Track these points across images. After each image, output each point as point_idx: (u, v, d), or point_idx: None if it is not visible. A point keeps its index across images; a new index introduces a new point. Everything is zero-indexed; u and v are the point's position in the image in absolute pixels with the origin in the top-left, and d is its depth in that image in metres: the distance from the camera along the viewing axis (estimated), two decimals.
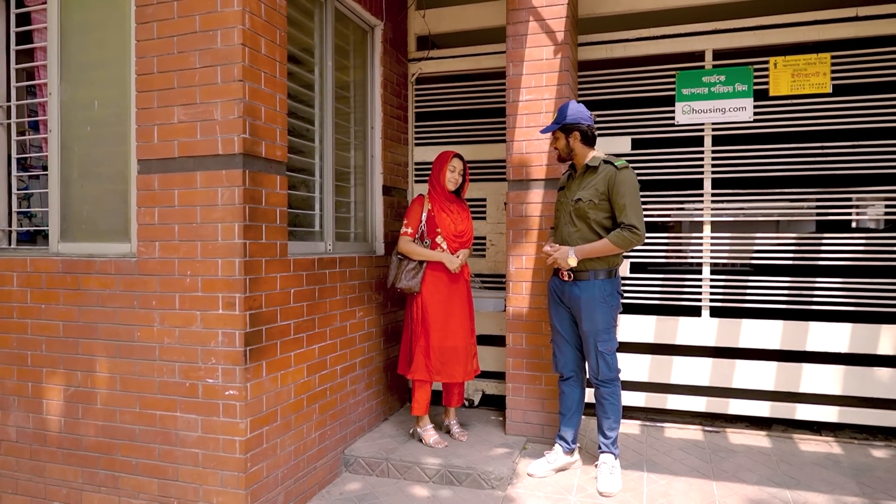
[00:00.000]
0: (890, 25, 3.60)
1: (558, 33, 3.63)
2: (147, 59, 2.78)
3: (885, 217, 3.65)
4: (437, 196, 3.56)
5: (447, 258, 3.49)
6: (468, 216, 3.66)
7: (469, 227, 3.63)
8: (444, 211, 3.54)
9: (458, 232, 3.54)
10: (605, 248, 3.08)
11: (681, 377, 3.98)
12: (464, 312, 3.57)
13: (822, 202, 3.80)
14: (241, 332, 2.64)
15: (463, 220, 3.59)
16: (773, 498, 3.02)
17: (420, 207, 3.57)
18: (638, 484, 3.21)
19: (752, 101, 3.82)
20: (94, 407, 2.91)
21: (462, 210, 3.63)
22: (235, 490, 2.66)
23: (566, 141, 3.18)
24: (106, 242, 2.96)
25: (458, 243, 3.55)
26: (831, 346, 3.72)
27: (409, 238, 3.54)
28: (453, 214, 3.56)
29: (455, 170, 3.53)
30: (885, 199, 3.69)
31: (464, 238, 3.58)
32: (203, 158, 2.69)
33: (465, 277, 3.60)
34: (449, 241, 3.52)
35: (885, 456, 3.49)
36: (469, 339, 3.57)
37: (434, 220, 3.51)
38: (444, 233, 3.51)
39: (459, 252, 3.55)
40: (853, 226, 4.59)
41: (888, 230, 3.67)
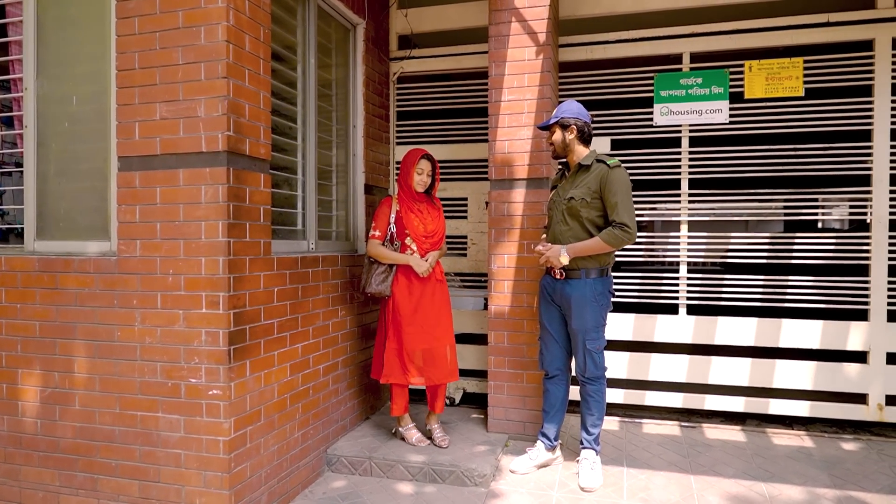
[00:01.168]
0: (859, 31, 3.72)
1: (540, 34, 3.67)
2: (128, 55, 2.74)
3: (853, 217, 3.77)
4: (405, 197, 3.47)
5: (415, 261, 3.39)
6: (439, 215, 3.56)
7: (440, 226, 3.53)
8: (412, 212, 3.45)
9: (427, 232, 3.45)
10: (597, 247, 3.11)
11: (659, 374, 4.06)
12: (438, 313, 3.47)
13: (794, 203, 3.91)
14: (225, 331, 2.62)
15: (433, 220, 3.49)
16: (749, 491, 3.10)
17: (388, 209, 3.48)
18: (618, 479, 3.26)
19: (727, 103, 3.91)
20: (71, 408, 2.86)
21: (432, 209, 3.54)
22: (219, 490, 2.64)
23: (563, 136, 3.21)
24: (85, 241, 2.90)
25: (429, 244, 3.46)
26: (803, 343, 3.84)
27: (377, 241, 3.46)
28: (422, 215, 3.47)
29: (423, 172, 3.44)
30: (853, 199, 3.81)
31: (435, 238, 3.48)
32: (186, 156, 2.66)
33: (437, 278, 3.50)
34: (418, 242, 3.43)
35: (854, 449, 3.61)
36: (445, 340, 3.47)
37: (402, 222, 3.43)
38: (412, 234, 3.41)
39: (429, 254, 3.44)
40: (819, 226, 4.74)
41: (856, 230, 3.79)
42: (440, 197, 4.47)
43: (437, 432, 3.56)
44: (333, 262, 3.59)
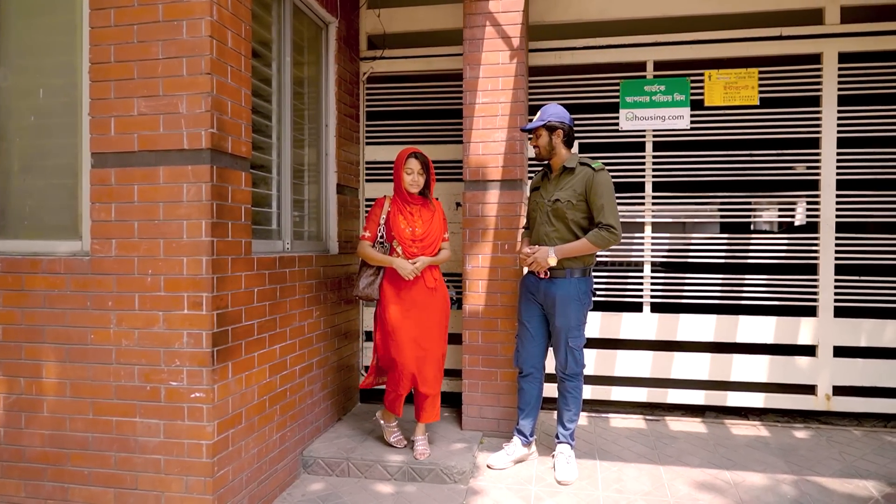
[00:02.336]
0: (809, 45, 3.97)
1: (514, 39, 3.75)
2: (103, 48, 2.64)
3: (805, 219, 4.03)
4: (397, 198, 3.38)
5: (399, 263, 3.26)
6: (432, 218, 3.39)
7: (432, 230, 3.36)
8: (400, 213, 3.34)
9: (414, 236, 3.30)
10: (585, 248, 3.20)
11: (624, 370, 4.21)
12: (428, 322, 3.33)
13: (750, 205, 4.13)
14: (209, 333, 2.56)
15: (424, 223, 3.35)
16: (714, 479, 3.26)
17: (380, 209, 3.39)
18: (592, 472, 3.37)
19: (689, 110, 4.09)
20: (39, 415, 2.73)
21: (425, 212, 3.38)
22: (202, 495, 2.58)
23: (549, 139, 3.28)
24: (52, 240, 2.78)
25: (417, 248, 3.30)
26: (758, 338, 4.06)
27: (366, 242, 3.37)
28: (411, 217, 3.33)
29: (413, 171, 3.29)
30: (805, 202, 4.06)
31: (424, 243, 3.32)
32: (167, 153, 2.59)
33: (427, 284, 3.33)
34: (404, 245, 3.30)
35: (806, 437, 3.85)
36: (435, 351, 3.36)
37: (389, 223, 3.33)
38: (397, 237, 3.30)
39: (417, 258, 3.28)
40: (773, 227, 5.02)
41: (806, 231, 4.04)
42: None
43: (419, 444, 3.42)
44: (308, 263, 3.55)
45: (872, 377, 3.95)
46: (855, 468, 3.36)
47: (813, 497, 3.04)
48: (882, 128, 3.92)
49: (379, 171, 4.55)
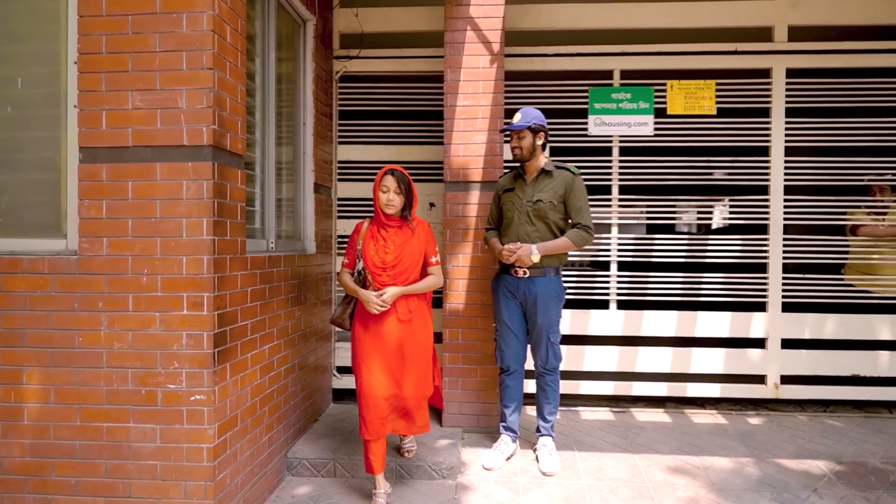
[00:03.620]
0: (760, 60, 4.28)
1: (494, 44, 3.84)
2: (93, 38, 2.53)
3: (757, 222, 4.34)
4: (375, 220, 3.06)
5: (363, 296, 2.93)
6: (407, 242, 2.99)
7: (405, 256, 2.97)
8: (372, 238, 3.01)
9: (383, 263, 2.95)
10: (565, 246, 3.34)
11: (592, 365, 4.39)
12: (400, 359, 2.98)
13: (708, 208, 4.41)
14: (210, 334, 2.51)
15: (396, 249, 2.96)
16: (685, 464, 3.47)
17: (357, 235, 3.07)
18: (573, 462, 3.51)
19: (652, 117, 4.32)
20: (19, 423, 2.58)
21: (400, 236, 2.99)
22: (202, 500, 2.52)
23: (532, 141, 3.37)
24: (31, 238, 2.63)
25: (388, 277, 2.95)
26: (715, 332, 4.34)
27: (345, 269, 3.10)
28: (383, 243, 2.98)
29: (388, 189, 2.94)
30: (755, 206, 4.37)
31: (396, 270, 2.96)
32: (164, 149, 2.51)
33: (399, 317, 2.97)
34: (372, 274, 2.96)
35: (759, 423, 4.15)
36: (408, 390, 2.98)
37: (363, 249, 3.02)
38: (365, 263, 2.99)
39: (386, 289, 2.91)
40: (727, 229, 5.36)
41: (757, 232, 4.36)
42: None
43: (406, 442, 3.41)
44: (291, 262, 3.52)
45: (815, 367, 4.31)
46: (806, 450, 3.67)
47: (774, 477, 3.30)
48: (824, 138, 4.29)
49: (351, 171, 4.54)
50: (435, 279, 3.09)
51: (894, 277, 4.32)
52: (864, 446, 3.72)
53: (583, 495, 3.14)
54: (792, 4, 4.25)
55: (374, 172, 4.50)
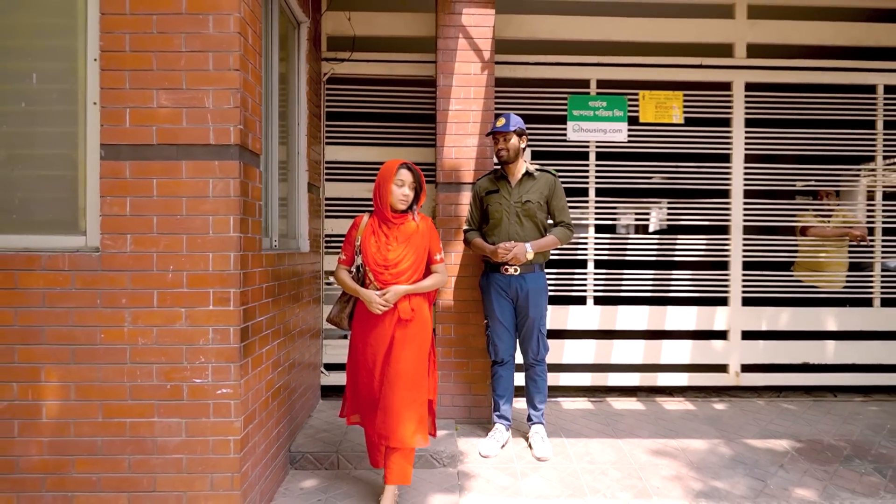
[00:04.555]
0: (722, 74, 4.65)
1: (485, 52, 4.03)
2: (116, 35, 2.54)
3: (719, 223, 4.71)
4: (376, 216, 2.93)
5: (365, 295, 2.83)
6: (411, 239, 2.87)
7: (409, 254, 2.86)
8: (374, 234, 2.88)
9: (386, 261, 2.83)
10: (553, 243, 3.58)
11: (571, 357, 4.64)
12: (398, 360, 2.82)
13: (676, 209, 4.74)
14: (237, 328, 2.57)
15: (399, 246, 2.85)
16: (665, 446, 3.75)
17: (355, 231, 2.94)
18: (563, 448, 3.73)
19: (626, 125, 4.62)
20: (37, 421, 2.55)
21: (403, 233, 2.88)
22: (229, 492, 2.57)
23: (518, 143, 3.57)
24: (47, 235, 2.61)
25: (390, 276, 2.83)
26: (683, 325, 4.67)
27: (342, 266, 2.98)
28: (385, 240, 2.86)
29: (404, 183, 2.85)
30: (719, 208, 4.73)
31: (397, 269, 2.83)
32: (190, 147, 2.55)
33: (400, 317, 2.85)
34: (374, 272, 2.84)
35: (724, 408, 4.51)
36: (404, 395, 2.80)
37: (362, 246, 2.90)
38: (366, 261, 2.87)
39: (389, 288, 2.82)
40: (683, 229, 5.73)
41: (720, 233, 4.72)
42: None
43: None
44: (291, 260, 3.58)
45: (771, 356, 4.71)
46: (769, 430, 4.03)
47: (744, 455, 3.63)
48: (780, 147, 4.70)
49: (338, 171, 4.62)
50: (439, 277, 3.00)
51: (838, 274, 4.78)
52: (817, 426, 4.12)
53: (577, 477, 3.35)
54: (750, 24, 4.64)
55: (361, 173, 4.61)
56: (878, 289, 4.76)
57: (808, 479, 3.33)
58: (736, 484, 3.27)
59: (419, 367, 2.87)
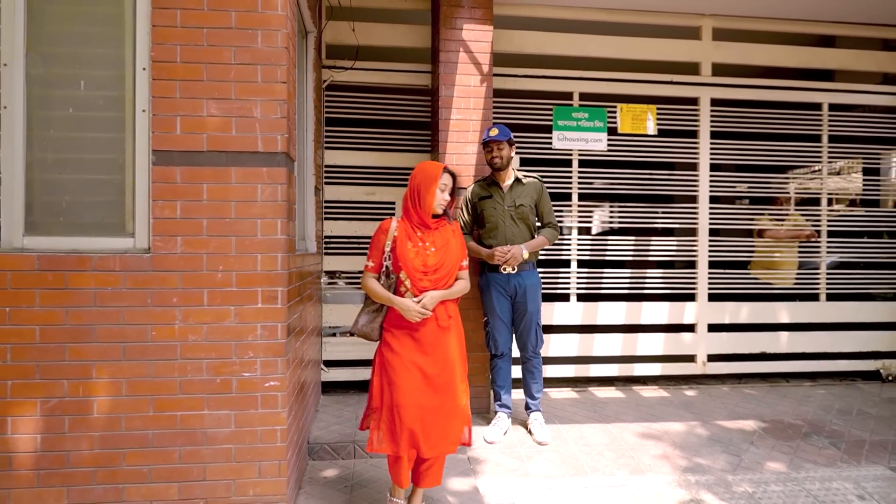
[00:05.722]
0: (690, 90, 5.10)
1: (484, 65, 4.30)
2: (168, 47, 2.67)
3: (688, 226, 5.15)
4: (408, 221, 2.78)
5: (402, 304, 2.68)
6: (448, 244, 2.80)
7: (447, 259, 2.77)
8: (409, 239, 2.74)
9: (426, 267, 2.72)
10: (543, 243, 3.91)
11: (556, 350, 4.97)
12: (441, 368, 2.74)
13: (650, 213, 5.16)
14: (283, 325, 2.74)
15: (438, 251, 2.76)
16: (649, 430, 4.13)
17: (384, 236, 2.77)
18: (559, 433, 4.05)
19: (606, 135, 4.99)
20: (87, 417, 2.64)
21: (440, 237, 2.80)
22: (276, 478, 2.74)
23: (509, 151, 3.87)
24: (96, 237, 2.70)
25: (429, 282, 2.72)
26: (656, 320, 5.09)
27: (371, 273, 2.78)
28: (423, 244, 2.75)
29: (446, 188, 2.79)
30: (688, 212, 5.18)
31: (438, 275, 2.73)
32: (239, 154, 2.71)
33: (440, 324, 2.75)
34: (413, 279, 2.70)
35: (695, 394, 4.95)
36: (448, 402, 2.75)
37: (396, 252, 2.73)
38: (405, 268, 2.71)
39: (426, 294, 2.71)
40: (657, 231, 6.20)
41: (690, 235, 5.17)
42: (372, 201, 4.83)
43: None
44: (306, 260, 3.74)
45: (733, 346, 5.20)
46: (736, 413, 4.48)
47: (719, 434, 4.04)
48: (741, 157, 5.19)
49: (337, 175, 4.79)
50: (465, 283, 2.89)
51: (789, 272, 5.32)
52: (777, 408, 4.60)
53: (577, 458, 3.67)
54: (715, 45, 5.11)
55: (358, 176, 4.80)
56: (823, 285, 5.33)
57: (776, 454, 3.76)
58: (716, 460, 3.67)
59: (462, 373, 2.83)
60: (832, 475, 3.50)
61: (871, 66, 5.37)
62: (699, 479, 3.40)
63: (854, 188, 5.66)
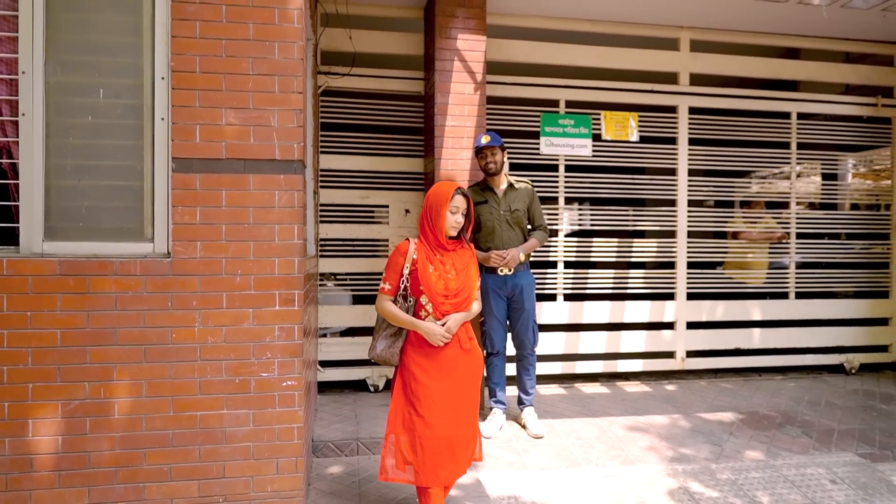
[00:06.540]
0: (669, 99, 5.34)
1: (477, 74, 4.45)
2: (187, 57, 2.75)
3: (668, 228, 5.40)
4: (426, 243, 2.71)
5: (426, 328, 2.62)
6: (466, 266, 2.75)
7: (467, 282, 2.72)
8: (430, 262, 2.68)
9: (448, 291, 2.67)
10: (536, 245, 4.10)
11: (544, 349, 5.15)
12: (464, 393, 2.72)
13: (632, 216, 5.39)
14: (300, 326, 2.85)
15: (458, 274, 2.71)
16: (636, 423, 4.35)
17: (402, 258, 2.69)
18: (551, 427, 4.23)
19: (591, 141, 5.20)
20: (109, 418, 2.71)
21: (459, 259, 2.75)
22: (293, 474, 2.85)
23: (502, 157, 4.04)
24: (116, 242, 2.77)
25: (450, 305, 2.67)
26: (638, 318, 5.32)
27: (387, 296, 2.70)
28: (443, 267, 2.69)
29: (458, 210, 2.70)
30: (668, 215, 5.42)
31: (459, 298, 2.69)
32: (257, 162, 2.80)
33: (462, 346, 2.73)
34: (435, 302, 2.64)
35: (675, 389, 5.20)
36: (469, 427, 2.75)
37: (416, 275, 2.66)
38: (427, 292, 2.64)
39: (449, 317, 2.66)
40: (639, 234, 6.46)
41: (670, 237, 5.42)
42: (366, 204, 4.94)
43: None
44: (310, 263, 3.84)
45: (710, 343, 5.47)
46: (715, 405, 4.74)
47: (701, 426, 4.29)
48: (717, 163, 5.46)
49: (331, 178, 4.89)
50: (479, 304, 2.90)
51: (761, 271, 5.62)
52: (752, 401, 4.88)
53: (570, 451, 3.86)
54: (692, 56, 5.36)
55: (353, 180, 4.90)
56: (792, 284, 5.64)
57: (754, 443, 4.01)
58: (699, 450, 3.90)
59: (478, 401, 2.85)
60: (806, 462, 3.76)
61: (835, 78, 5.71)
62: (685, 468, 3.62)
63: (816, 192, 6.00)
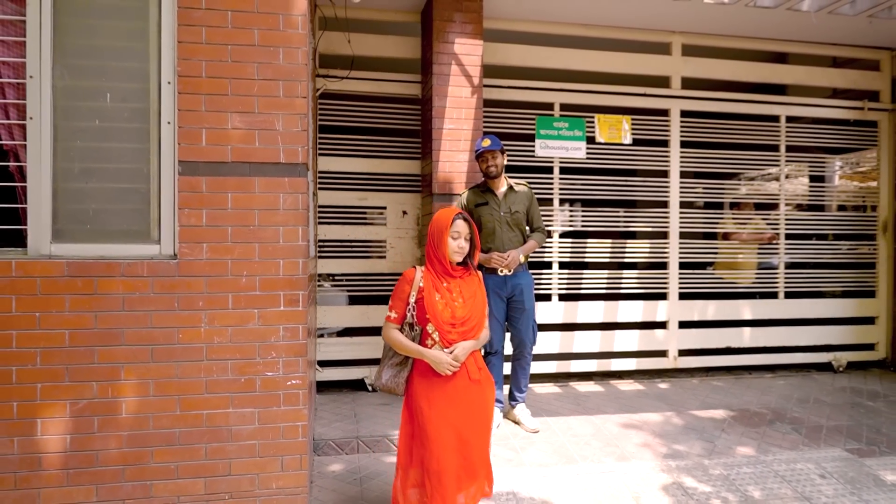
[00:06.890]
0: (662, 102, 5.44)
1: (474, 78, 4.53)
2: (193, 62, 2.80)
3: (661, 229, 5.50)
4: (433, 270, 2.64)
5: (432, 357, 2.54)
6: (476, 293, 2.67)
7: (476, 310, 2.64)
8: (437, 290, 2.61)
9: (455, 319, 2.58)
10: (535, 246, 4.17)
11: (539, 348, 5.21)
12: (470, 425, 2.58)
13: (625, 217, 5.48)
14: (305, 326, 2.91)
15: (465, 302, 2.63)
16: (630, 420, 4.43)
17: (408, 286, 2.62)
18: (547, 425, 4.31)
19: (585, 144, 5.28)
20: (116, 417, 2.75)
21: (467, 287, 2.66)
22: (297, 472, 2.90)
23: (502, 160, 4.11)
24: (122, 244, 2.81)
25: (457, 334, 2.58)
26: (631, 318, 5.41)
27: (393, 325, 2.62)
28: (450, 295, 2.62)
29: (459, 235, 2.61)
30: (660, 216, 5.52)
31: (466, 326, 2.60)
32: (262, 165, 2.86)
33: (471, 377, 2.61)
34: (441, 331, 2.56)
35: (667, 387, 5.29)
36: (483, 460, 2.65)
37: (422, 303, 2.58)
38: (432, 320, 2.56)
39: (456, 346, 2.57)
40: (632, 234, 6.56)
41: (662, 238, 5.52)
42: (363, 206, 5.00)
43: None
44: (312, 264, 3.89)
45: (702, 342, 5.57)
46: (707, 403, 4.83)
47: (693, 423, 4.38)
48: (709, 165, 5.56)
49: (329, 180, 4.94)
50: (487, 332, 2.76)
51: (751, 272, 5.73)
52: (743, 398, 4.98)
53: (566, 448, 3.94)
54: (684, 61, 5.46)
55: (350, 182, 4.96)
56: (782, 284, 5.76)
57: (745, 440, 4.11)
58: (692, 446, 3.99)
59: (489, 434, 2.73)
60: (796, 457, 3.86)
61: (822, 82, 5.83)
62: (679, 464, 3.71)
63: (804, 193, 6.12)
